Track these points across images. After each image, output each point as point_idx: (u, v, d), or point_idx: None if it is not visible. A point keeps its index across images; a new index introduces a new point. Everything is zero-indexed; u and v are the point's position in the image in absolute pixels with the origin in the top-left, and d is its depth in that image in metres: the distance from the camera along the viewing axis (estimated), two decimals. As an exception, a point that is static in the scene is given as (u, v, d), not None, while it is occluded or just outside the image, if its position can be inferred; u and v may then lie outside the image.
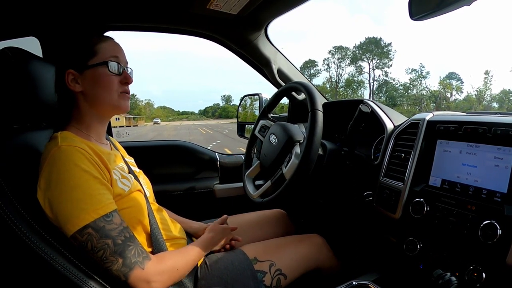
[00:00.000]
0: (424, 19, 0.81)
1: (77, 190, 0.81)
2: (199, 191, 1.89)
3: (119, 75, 1.01)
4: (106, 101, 0.99)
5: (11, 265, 0.81)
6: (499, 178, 0.92)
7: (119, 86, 1.01)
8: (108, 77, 0.98)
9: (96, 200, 0.83)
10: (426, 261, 1.07)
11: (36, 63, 0.99)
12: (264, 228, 1.50)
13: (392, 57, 72.99)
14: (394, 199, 1.16)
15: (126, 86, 1.03)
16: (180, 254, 1.00)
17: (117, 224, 0.84)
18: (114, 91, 1.00)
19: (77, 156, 0.85)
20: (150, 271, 0.85)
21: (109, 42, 1.02)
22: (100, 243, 0.80)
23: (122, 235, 0.84)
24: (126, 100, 1.04)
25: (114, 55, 1.00)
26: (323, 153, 1.31)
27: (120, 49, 1.04)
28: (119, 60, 1.01)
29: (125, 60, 1.05)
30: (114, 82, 1.00)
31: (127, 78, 1.03)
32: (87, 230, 0.79)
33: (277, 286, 1.16)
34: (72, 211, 0.80)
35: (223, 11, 1.46)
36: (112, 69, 0.98)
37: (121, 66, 1.02)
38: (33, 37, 1.41)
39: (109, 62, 0.98)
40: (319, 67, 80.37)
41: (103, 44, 1.00)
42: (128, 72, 1.04)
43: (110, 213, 0.84)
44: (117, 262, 0.81)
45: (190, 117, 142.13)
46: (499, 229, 0.85)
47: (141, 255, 0.86)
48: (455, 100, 63.77)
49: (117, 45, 1.04)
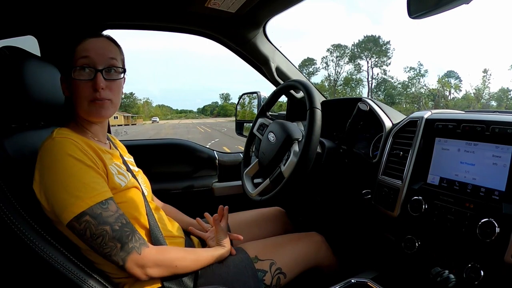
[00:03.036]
0: (423, 18, 0.81)
1: (71, 179, 0.82)
2: (197, 189, 1.89)
3: (89, 80, 0.93)
4: (78, 108, 0.97)
5: (10, 265, 0.81)
6: (497, 176, 0.92)
7: (89, 92, 0.93)
8: (75, 83, 0.93)
9: (90, 188, 0.83)
10: (425, 258, 1.07)
11: (34, 62, 0.99)
12: (263, 226, 1.50)
13: (390, 56, 73.24)
14: (392, 197, 1.16)
15: (97, 92, 0.93)
16: (185, 253, 1.00)
17: (113, 211, 0.85)
18: (83, 98, 0.94)
19: (69, 146, 0.85)
20: (146, 258, 0.86)
21: (84, 42, 0.95)
22: (99, 230, 0.81)
23: (119, 221, 0.85)
24: (98, 107, 0.95)
25: (83, 55, 0.93)
26: (321, 151, 1.31)
27: (95, 47, 0.95)
28: (90, 60, 0.93)
29: (107, 57, 0.96)
30: (81, 89, 0.93)
31: (94, 84, 0.93)
32: (85, 218, 0.80)
33: (277, 285, 1.16)
34: (67, 200, 0.80)
35: (221, 9, 1.45)
36: (76, 75, 0.93)
37: (93, 69, 0.93)
38: (31, 36, 1.41)
39: (73, 68, 0.92)
40: (317, 65, 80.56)
41: (79, 46, 0.95)
42: (101, 75, 0.94)
43: (105, 200, 0.84)
44: (115, 247, 0.82)
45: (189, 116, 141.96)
46: (497, 227, 0.86)
47: (138, 241, 0.87)
48: (454, 98, 63.89)
49: (92, 42, 0.96)
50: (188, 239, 1.24)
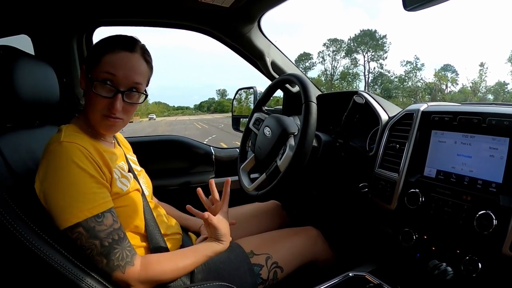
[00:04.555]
0: (418, 10, 0.80)
1: (71, 187, 0.82)
2: (194, 185, 1.88)
3: (108, 97, 0.90)
4: (89, 116, 0.95)
5: (7, 264, 0.81)
6: (494, 168, 0.92)
7: (105, 108, 0.91)
8: (93, 96, 0.90)
9: (89, 199, 0.83)
10: (422, 251, 1.07)
11: (28, 61, 0.98)
12: (260, 221, 1.50)
13: (387, 50, 73.12)
14: (389, 190, 1.16)
15: (112, 113, 0.91)
16: (175, 262, 0.95)
17: (107, 226, 0.84)
18: (97, 111, 0.92)
19: (75, 153, 0.84)
20: (130, 277, 0.85)
21: (115, 53, 0.91)
22: (89, 243, 0.81)
23: (110, 237, 0.84)
24: (109, 125, 0.94)
25: (109, 71, 0.89)
26: (317, 145, 1.30)
27: (125, 65, 0.91)
28: (115, 79, 0.90)
29: (132, 81, 0.92)
30: (98, 103, 0.90)
31: (112, 105, 0.90)
32: (78, 229, 0.80)
33: (274, 279, 1.16)
34: (64, 207, 0.80)
35: (215, 4, 1.45)
36: (97, 90, 0.89)
37: (114, 89, 0.90)
38: (25, 35, 1.40)
39: (96, 81, 0.89)
40: (314, 60, 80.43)
41: (108, 55, 0.90)
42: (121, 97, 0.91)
43: (102, 213, 0.84)
44: (102, 262, 0.82)
45: (186, 112, 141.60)
46: (495, 219, 0.85)
47: (124, 259, 0.85)
48: (450, 92, 64.10)
49: (123, 58, 0.91)
50: (186, 236, 1.24)
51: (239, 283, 1.08)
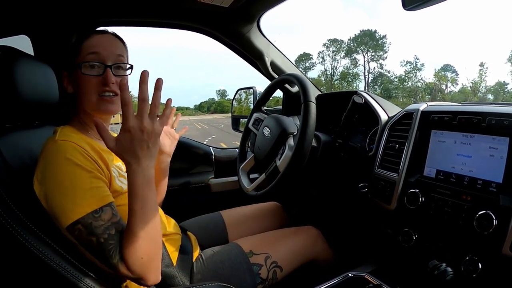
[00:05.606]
0: (417, 9, 0.80)
1: (67, 185, 0.81)
2: (194, 185, 1.88)
3: (99, 75, 0.94)
4: (85, 105, 0.97)
5: (7, 264, 0.81)
6: (494, 168, 0.91)
7: (99, 87, 0.94)
8: (83, 78, 0.94)
9: (86, 195, 0.81)
10: (422, 252, 1.07)
11: (27, 61, 0.98)
12: (260, 221, 1.50)
13: (387, 50, 73.01)
14: (389, 190, 1.16)
15: (107, 87, 0.95)
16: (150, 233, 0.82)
17: (104, 221, 0.81)
18: (92, 92, 0.94)
19: (69, 150, 0.84)
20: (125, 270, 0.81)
21: (91, 38, 0.96)
22: (87, 239, 0.80)
23: (106, 233, 0.80)
24: (108, 103, 0.96)
25: (92, 51, 0.94)
26: (317, 145, 1.30)
27: (103, 43, 0.96)
28: (99, 57, 0.94)
29: (115, 54, 0.97)
30: (91, 84, 0.94)
31: (105, 79, 0.94)
32: (77, 226, 0.79)
33: (273, 279, 1.16)
34: (64, 206, 0.79)
35: (214, 4, 1.45)
36: (85, 71, 0.93)
37: (102, 64, 0.94)
38: (24, 36, 1.40)
39: (82, 63, 0.93)
40: (314, 60, 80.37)
41: (85, 42, 0.95)
42: (111, 71, 0.95)
43: (100, 208, 0.81)
44: (98, 258, 0.82)
45: (185, 113, 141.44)
46: (495, 219, 0.85)
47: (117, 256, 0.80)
48: (450, 92, 64.06)
49: (99, 38, 0.97)
50: (184, 236, 1.24)
51: (238, 283, 1.08)
